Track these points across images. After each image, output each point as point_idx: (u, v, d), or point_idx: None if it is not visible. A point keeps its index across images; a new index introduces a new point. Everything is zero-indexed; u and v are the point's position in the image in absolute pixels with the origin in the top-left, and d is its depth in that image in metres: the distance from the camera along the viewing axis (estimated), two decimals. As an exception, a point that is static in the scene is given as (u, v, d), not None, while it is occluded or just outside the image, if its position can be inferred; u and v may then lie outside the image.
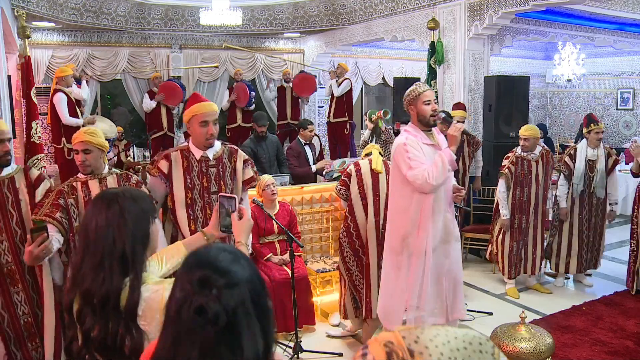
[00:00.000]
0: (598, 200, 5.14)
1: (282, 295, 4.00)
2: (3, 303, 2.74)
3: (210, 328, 1.03)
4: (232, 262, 1.12)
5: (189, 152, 3.03)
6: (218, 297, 1.05)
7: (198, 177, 3.01)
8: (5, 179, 2.78)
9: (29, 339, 2.81)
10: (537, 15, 6.89)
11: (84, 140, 2.82)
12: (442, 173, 3.01)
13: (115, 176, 2.93)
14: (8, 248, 2.75)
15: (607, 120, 11.68)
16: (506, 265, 4.99)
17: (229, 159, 3.11)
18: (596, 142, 5.06)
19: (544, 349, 2.92)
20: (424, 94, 3.17)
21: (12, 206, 2.78)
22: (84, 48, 8.47)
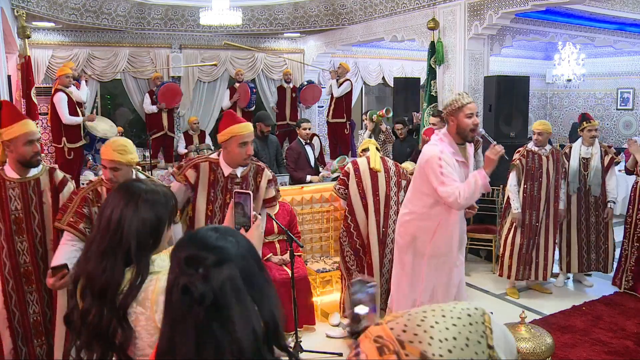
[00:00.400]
0: (596, 199, 5.13)
1: (282, 295, 3.99)
2: (16, 300, 2.79)
3: (198, 307, 1.02)
4: (220, 239, 1.10)
5: (217, 166, 3.04)
6: (204, 275, 1.04)
7: (222, 192, 3.04)
8: (31, 180, 2.81)
9: (36, 336, 2.86)
10: (537, 15, 6.89)
11: (112, 159, 2.69)
12: (473, 195, 2.97)
13: None
14: (27, 249, 2.79)
15: (607, 120, 11.68)
16: (514, 265, 4.90)
17: (254, 178, 3.13)
18: (590, 140, 5.07)
19: (544, 349, 2.92)
20: (467, 106, 3.07)
21: (35, 208, 2.81)
22: (84, 48, 8.47)
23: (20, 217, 2.76)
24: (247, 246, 1.13)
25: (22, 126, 2.71)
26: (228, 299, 1.03)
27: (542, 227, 4.91)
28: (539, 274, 4.96)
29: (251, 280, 1.07)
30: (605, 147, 5.22)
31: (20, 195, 2.77)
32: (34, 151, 2.75)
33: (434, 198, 3.11)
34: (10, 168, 2.78)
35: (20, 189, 2.77)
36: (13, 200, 2.76)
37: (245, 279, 1.06)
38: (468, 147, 3.23)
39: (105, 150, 2.72)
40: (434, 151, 3.07)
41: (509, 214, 4.97)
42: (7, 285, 2.76)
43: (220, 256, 1.06)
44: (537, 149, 4.89)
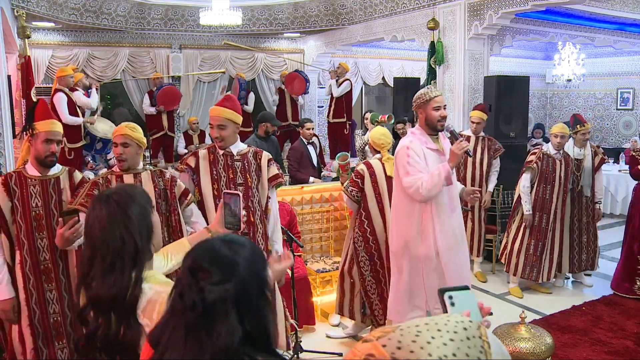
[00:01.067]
0: (587, 199, 5.17)
1: (282, 295, 3.99)
2: (36, 298, 2.80)
3: (189, 313, 1.13)
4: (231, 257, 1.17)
5: (215, 148, 3.17)
6: (201, 288, 1.13)
7: (224, 170, 3.12)
8: (52, 178, 2.85)
9: (57, 338, 2.85)
10: (537, 15, 6.89)
11: (124, 134, 2.88)
12: (436, 186, 3.00)
13: (150, 172, 2.99)
14: (47, 246, 2.81)
15: (607, 120, 11.68)
16: (520, 263, 4.90)
17: (254, 157, 3.22)
18: (582, 142, 5.10)
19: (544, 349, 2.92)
20: (434, 99, 3.16)
21: (54, 205, 2.84)
22: (84, 48, 8.47)
23: (40, 214, 2.80)
24: (253, 268, 1.19)
25: (47, 124, 2.80)
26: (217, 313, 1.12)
27: (556, 231, 4.94)
28: (543, 275, 4.96)
29: (247, 302, 1.15)
30: (595, 147, 5.26)
31: (41, 193, 2.81)
32: (51, 151, 2.80)
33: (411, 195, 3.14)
34: (31, 166, 2.84)
35: (40, 186, 2.81)
36: (34, 197, 2.80)
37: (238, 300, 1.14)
38: (441, 138, 3.28)
39: (117, 128, 2.92)
40: (404, 142, 3.19)
41: (517, 213, 4.97)
42: (28, 283, 2.78)
43: (223, 276, 1.14)
44: (553, 152, 4.90)
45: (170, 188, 2.96)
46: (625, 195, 7.83)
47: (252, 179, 3.16)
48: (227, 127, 3.07)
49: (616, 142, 11.37)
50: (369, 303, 3.87)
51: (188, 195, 3.02)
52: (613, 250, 6.26)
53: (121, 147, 2.88)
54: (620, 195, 8.01)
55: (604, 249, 6.33)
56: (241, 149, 3.20)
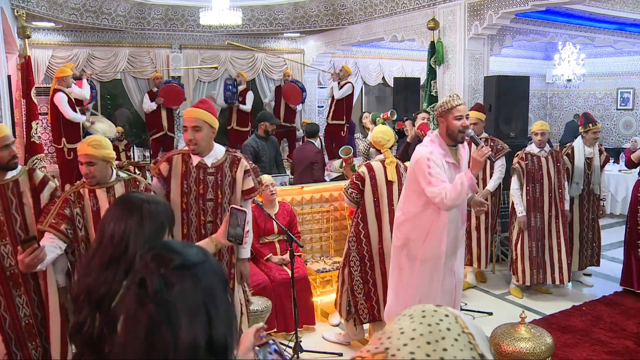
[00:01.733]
0: (595, 197, 5.21)
1: (282, 295, 4.00)
2: (5, 305, 2.76)
3: (150, 303, 1.03)
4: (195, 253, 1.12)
5: (189, 157, 3.01)
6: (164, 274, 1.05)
7: (195, 184, 2.99)
8: (10, 182, 2.78)
9: (30, 339, 2.84)
10: (537, 15, 6.89)
11: (86, 153, 2.74)
12: (460, 196, 2.96)
13: (124, 182, 2.88)
14: (11, 251, 2.76)
15: (607, 120, 11.68)
16: (527, 269, 4.86)
17: (229, 168, 3.07)
18: (592, 142, 5.11)
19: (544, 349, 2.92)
20: (456, 108, 3.06)
21: (16, 210, 2.78)
22: (84, 48, 8.47)
23: (1, 221, 2.74)
24: (217, 268, 1.13)
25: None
26: (180, 305, 1.04)
27: (553, 229, 4.91)
28: (555, 277, 4.90)
29: (211, 298, 1.08)
30: (599, 146, 5.29)
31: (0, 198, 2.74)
32: (11, 155, 2.74)
33: (425, 199, 3.10)
34: None
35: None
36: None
37: (205, 293, 1.07)
38: (460, 148, 3.22)
39: (80, 147, 2.78)
40: (424, 152, 3.09)
41: (515, 218, 4.96)
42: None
43: (184, 263, 1.07)
44: (537, 150, 4.89)
45: None
46: (625, 195, 7.83)
47: (223, 194, 3.03)
48: (202, 129, 2.90)
49: (616, 142, 11.38)
50: (354, 302, 3.86)
51: None
52: (613, 250, 6.26)
53: (86, 167, 2.75)
54: (620, 195, 8.01)
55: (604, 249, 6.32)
56: (217, 159, 3.04)
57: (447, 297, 3.29)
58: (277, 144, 6.39)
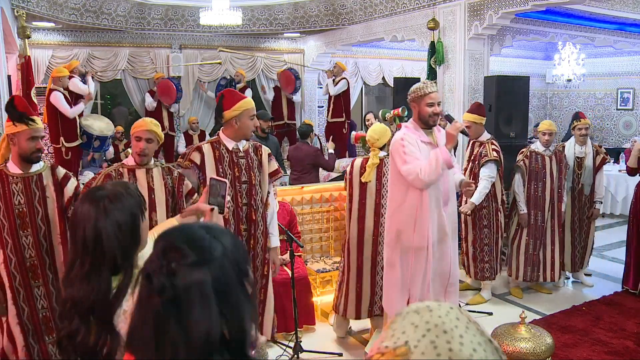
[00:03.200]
0: (586, 198, 5.18)
1: (282, 295, 4.00)
2: (24, 296, 2.80)
3: (156, 298, 1.00)
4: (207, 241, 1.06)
5: (219, 143, 3.16)
6: (173, 271, 1.01)
7: (229, 167, 3.14)
8: (34, 175, 2.85)
9: (47, 333, 2.86)
10: (537, 15, 6.88)
11: (149, 129, 2.93)
12: (435, 170, 3.02)
13: (160, 169, 3.04)
14: (32, 243, 2.81)
15: (607, 120, 11.68)
16: (521, 266, 4.89)
17: (255, 153, 3.26)
18: (582, 139, 5.09)
19: (544, 349, 2.92)
20: (429, 95, 3.17)
21: (38, 202, 2.84)
22: (84, 48, 8.47)
23: (24, 212, 2.80)
24: (233, 256, 1.07)
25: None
26: (191, 300, 1.00)
27: (548, 228, 4.92)
28: (547, 275, 4.95)
29: (224, 291, 1.03)
30: (597, 147, 5.26)
31: (24, 190, 2.81)
32: (37, 147, 2.80)
33: (406, 185, 3.15)
34: (13, 164, 2.83)
35: (23, 183, 2.81)
36: (16, 195, 2.79)
37: (217, 288, 1.02)
38: (436, 131, 3.30)
39: (142, 123, 2.96)
40: (398, 136, 3.22)
41: (515, 214, 4.96)
42: (14, 281, 2.78)
43: (198, 258, 1.03)
44: (542, 149, 4.90)
45: (178, 186, 3.03)
46: (625, 195, 7.83)
47: (255, 176, 3.20)
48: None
49: (616, 142, 11.37)
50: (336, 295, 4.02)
51: (194, 195, 3.08)
52: (613, 250, 6.26)
53: (145, 143, 2.93)
54: (620, 195, 8.01)
55: (604, 249, 6.34)
56: (244, 145, 3.23)
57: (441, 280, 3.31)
58: (278, 143, 6.41)
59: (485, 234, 4.74)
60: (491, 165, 4.63)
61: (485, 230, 4.73)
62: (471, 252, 4.82)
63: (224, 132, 3.18)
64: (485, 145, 4.73)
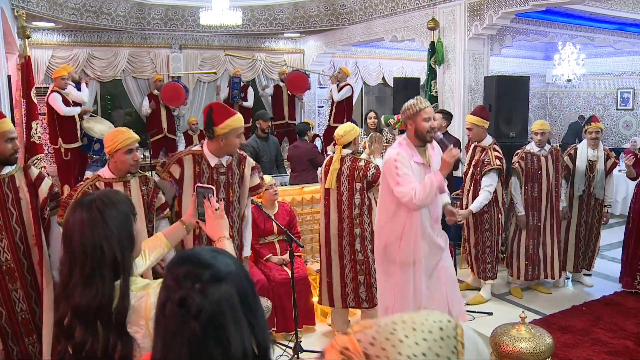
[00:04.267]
0: (596, 202, 5.16)
1: (282, 296, 4.00)
2: (1, 299, 2.76)
3: (194, 322, 1.00)
4: (215, 258, 1.09)
5: (202, 157, 3.04)
6: (201, 290, 1.02)
7: (208, 184, 3.01)
8: (6, 177, 2.79)
9: (26, 335, 2.84)
10: (537, 15, 6.89)
11: (136, 139, 2.89)
12: (429, 195, 3.01)
13: (137, 179, 2.95)
14: (7, 246, 2.76)
15: (607, 120, 11.68)
16: (522, 266, 4.90)
17: (237, 166, 3.16)
18: (592, 142, 5.08)
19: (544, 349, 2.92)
20: (424, 110, 3.16)
21: (12, 204, 2.79)
22: (84, 48, 8.47)
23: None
24: (239, 266, 1.12)
25: (1, 124, 2.75)
26: (225, 316, 1.01)
27: (547, 227, 4.91)
28: (547, 273, 4.96)
29: (246, 300, 1.07)
30: (608, 150, 5.24)
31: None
32: (14, 149, 2.77)
33: (396, 202, 3.14)
34: None
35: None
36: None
37: (241, 298, 1.05)
38: (429, 148, 3.27)
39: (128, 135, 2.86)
40: (392, 154, 3.16)
41: (513, 216, 4.96)
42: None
43: (216, 273, 1.05)
44: (537, 149, 4.89)
45: (151, 199, 2.96)
46: (625, 195, 7.83)
47: (234, 192, 3.11)
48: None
49: (616, 142, 11.38)
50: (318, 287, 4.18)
51: (165, 210, 3.03)
52: (613, 251, 6.26)
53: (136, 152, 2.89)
54: (620, 195, 8.01)
55: (604, 249, 6.33)
56: (228, 159, 3.10)
57: (439, 300, 3.29)
58: (278, 143, 6.41)
59: (487, 237, 4.73)
60: (493, 174, 4.55)
61: (486, 234, 4.73)
62: (473, 254, 4.84)
63: (208, 147, 3.04)
64: (487, 151, 4.62)
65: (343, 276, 3.98)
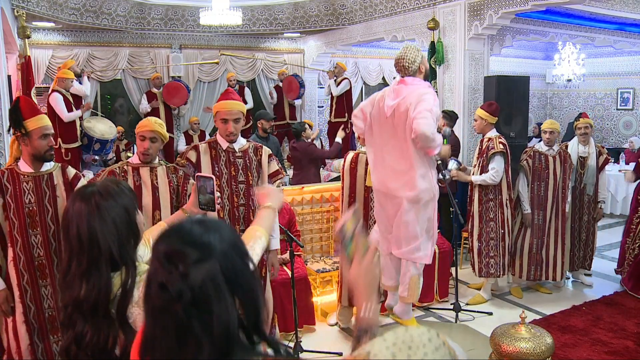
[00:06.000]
0: (589, 198, 5.17)
1: (282, 295, 4.00)
2: (31, 294, 2.81)
3: (177, 304, 1.00)
4: (204, 234, 1.07)
5: (216, 143, 3.20)
6: (183, 273, 1.01)
7: (225, 166, 3.17)
8: (45, 175, 2.86)
9: (52, 332, 2.87)
10: (537, 15, 6.89)
11: (153, 130, 2.97)
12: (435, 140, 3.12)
13: (165, 167, 3.07)
14: (41, 242, 2.82)
15: (607, 120, 11.68)
16: (524, 265, 4.90)
17: (254, 153, 3.26)
18: (582, 138, 5.10)
19: (544, 349, 2.92)
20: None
21: (49, 201, 2.85)
22: (84, 48, 8.47)
23: (34, 210, 2.81)
24: (231, 241, 1.09)
25: (38, 120, 2.79)
26: (208, 296, 1.01)
27: (552, 228, 4.91)
28: (549, 274, 4.95)
29: (234, 276, 1.05)
30: (600, 147, 5.25)
31: (34, 189, 2.82)
32: (49, 145, 2.82)
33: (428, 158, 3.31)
34: (24, 163, 2.84)
35: (33, 182, 2.82)
36: (27, 194, 2.81)
37: (227, 275, 1.04)
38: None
39: (147, 123, 3.00)
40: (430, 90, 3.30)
41: (518, 214, 4.96)
42: (22, 279, 2.79)
43: (202, 253, 1.03)
44: (545, 149, 4.90)
45: (182, 185, 3.06)
46: (625, 195, 7.83)
47: (252, 176, 3.21)
48: (241, 120, 3.15)
49: (616, 142, 11.38)
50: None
51: None
52: (613, 250, 6.25)
53: (149, 142, 2.97)
54: (620, 195, 8.01)
55: (604, 249, 6.34)
56: (242, 145, 3.24)
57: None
58: (278, 143, 6.41)
59: (491, 228, 4.72)
60: (498, 158, 4.65)
61: (491, 224, 4.72)
62: (476, 247, 4.79)
63: (219, 133, 3.25)
64: (492, 139, 4.77)
65: None
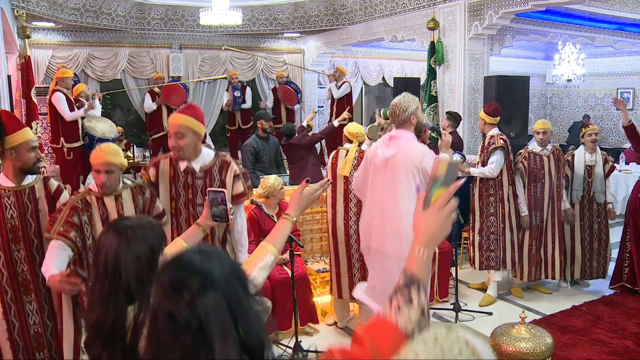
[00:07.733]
0: (599, 206, 5.13)
1: (282, 295, 4.00)
2: (15, 311, 2.74)
3: (184, 333, 1.02)
4: (204, 263, 1.09)
5: (177, 161, 2.94)
6: (190, 302, 1.03)
7: (184, 188, 2.93)
8: (26, 188, 2.78)
9: (38, 349, 2.80)
10: (537, 15, 6.89)
11: (106, 162, 2.67)
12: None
13: (130, 190, 2.82)
14: (24, 257, 2.75)
15: (607, 120, 11.68)
16: (525, 267, 4.88)
17: (219, 172, 2.97)
18: (592, 146, 5.07)
19: (544, 349, 2.92)
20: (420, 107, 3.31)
21: (31, 216, 2.78)
22: (84, 48, 8.47)
23: (16, 225, 2.73)
24: (231, 268, 1.12)
25: (24, 133, 2.73)
26: (212, 325, 1.03)
27: (549, 227, 4.90)
28: (548, 272, 4.95)
29: (236, 304, 1.07)
30: (605, 154, 5.23)
31: (16, 204, 2.74)
32: (37, 157, 2.76)
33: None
34: (5, 177, 2.76)
35: (15, 197, 2.74)
36: (8, 209, 2.73)
37: (229, 303, 1.06)
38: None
39: (98, 155, 2.67)
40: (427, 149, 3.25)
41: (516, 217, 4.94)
42: (5, 296, 2.71)
43: (204, 281, 1.05)
44: (539, 149, 4.89)
45: (149, 209, 2.85)
46: (625, 195, 7.82)
47: None
48: (186, 136, 2.81)
49: (616, 142, 11.38)
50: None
51: (163, 217, 2.90)
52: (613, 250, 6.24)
53: (105, 175, 2.67)
54: (620, 195, 8.00)
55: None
56: (205, 163, 2.95)
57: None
58: (278, 143, 6.40)
59: (491, 222, 4.73)
60: (499, 152, 4.69)
61: (491, 219, 4.73)
62: (477, 241, 4.80)
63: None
64: (494, 137, 4.81)
65: (350, 267, 4.06)
